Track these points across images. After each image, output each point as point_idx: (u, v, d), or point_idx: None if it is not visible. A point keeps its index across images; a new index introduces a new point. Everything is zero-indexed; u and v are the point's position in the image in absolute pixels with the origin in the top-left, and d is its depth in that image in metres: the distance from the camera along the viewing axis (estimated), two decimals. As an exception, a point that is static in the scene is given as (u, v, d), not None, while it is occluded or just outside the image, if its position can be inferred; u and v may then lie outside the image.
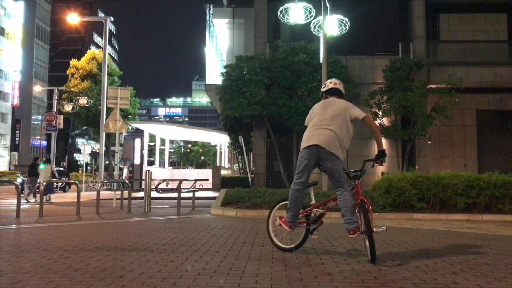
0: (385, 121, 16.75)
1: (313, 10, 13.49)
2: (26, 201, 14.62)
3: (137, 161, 22.96)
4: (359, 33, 17.57)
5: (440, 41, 19.35)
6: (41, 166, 15.63)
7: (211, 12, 22.04)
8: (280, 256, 4.45)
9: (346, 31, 14.51)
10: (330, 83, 4.78)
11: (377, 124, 16.81)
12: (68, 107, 29.27)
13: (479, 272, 3.73)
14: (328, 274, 3.63)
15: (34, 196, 15.31)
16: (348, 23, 14.34)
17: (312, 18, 13.68)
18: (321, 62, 13.64)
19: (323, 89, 4.82)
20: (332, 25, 14.01)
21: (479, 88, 18.05)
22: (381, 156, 4.57)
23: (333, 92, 4.74)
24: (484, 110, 19.53)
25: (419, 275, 3.61)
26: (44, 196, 15.18)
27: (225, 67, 18.42)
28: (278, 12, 13.96)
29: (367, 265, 3.97)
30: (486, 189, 8.68)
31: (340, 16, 14.27)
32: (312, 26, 14.26)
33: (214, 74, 21.17)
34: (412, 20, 18.07)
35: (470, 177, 8.87)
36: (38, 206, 9.45)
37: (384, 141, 17.26)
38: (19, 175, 33.08)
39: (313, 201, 4.76)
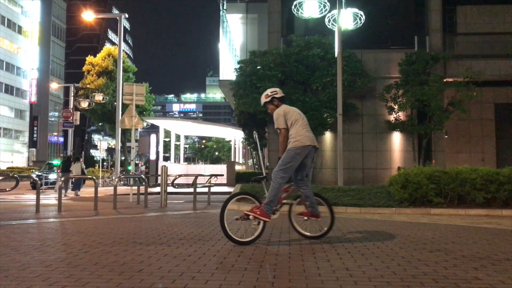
0: (401, 115, 16.58)
1: (328, 3, 13.40)
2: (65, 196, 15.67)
3: (152, 156, 23.16)
4: (374, 27, 17.38)
5: (457, 34, 19.02)
6: (55, 162, 16.07)
7: (224, 7, 22.03)
8: (297, 250, 4.44)
9: (361, 24, 14.37)
10: (280, 92, 5.27)
11: (393, 118, 16.71)
12: (84, 104, 29.56)
13: (501, 268, 3.67)
14: (346, 269, 3.61)
15: (65, 191, 16.36)
16: (363, 16, 14.20)
17: (326, 12, 13.59)
18: (336, 56, 13.54)
19: (275, 95, 5.22)
20: (347, 18, 13.90)
21: (497, 81, 17.73)
22: None
23: (283, 99, 5.26)
24: (503, 103, 19.19)
25: (439, 270, 3.57)
26: (66, 191, 16.01)
27: (238, 62, 18.41)
28: (292, 6, 13.89)
29: (386, 260, 3.94)
30: (506, 184, 8.54)
31: (355, 10, 14.14)
32: (326, 20, 14.16)
33: (228, 69, 21.18)
34: (428, 13, 17.81)
35: (489, 172, 8.73)
36: (66, 200, 9.59)
37: (399, 135, 17.14)
38: (33, 170, 33.68)
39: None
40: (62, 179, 12.48)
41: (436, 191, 8.73)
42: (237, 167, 25.90)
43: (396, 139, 17.27)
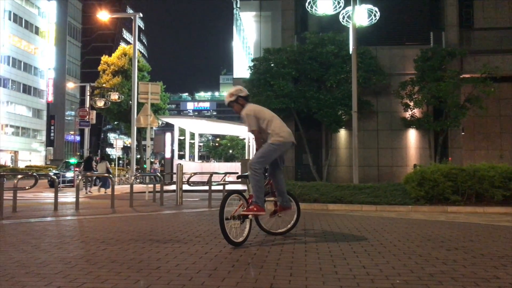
0: (417, 112, 16.41)
1: (342, 0, 13.31)
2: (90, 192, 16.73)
3: (168, 155, 23.33)
4: (389, 23, 17.21)
5: (474, 29, 18.71)
6: (72, 161, 16.53)
7: (238, 5, 22.04)
8: (313, 248, 4.43)
9: (375, 21, 14.25)
10: (245, 90, 5.19)
11: (408, 115, 16.55)
12: (100, 103, 29.92)
13: (521, 267, 3.61)
14: (363, 267, 3.60)
15: (90, 187, 17.37)
16: (378, 12, 14.09)
17: (341, 8, 13.52)
18: (350, 53, 13.45)
19: (241, 94, 5.11)
20: (361, 15, 13.80)
21: (516, 77, 17.40)
22: None
23: (248, 98, 5.19)
24: (522, 99, 18.84)
25: (458, 269, 3.53)
26: (103, 189, 17.04)
27: (252, 60, 18.42)
28: (306, 3, 13.85)
29: (403, 258, 3.91)
30: (525, 181, 8.40)
31: (370, 6, 14.04)
32: (341, 16, 14.08)
33: (242, 67, 21.19)
34: (444, 7, 17.56)
35: (508, 169, 8.59)
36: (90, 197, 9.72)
37: (415, 132, 16.96)
38: (51, 169, 34.25)
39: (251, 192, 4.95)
40: (80, 177, 12.66)
41: (453, 188, 8.62)
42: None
43: (412, 136, 17.10)
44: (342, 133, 17.20)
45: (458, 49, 16.59)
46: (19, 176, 9.64)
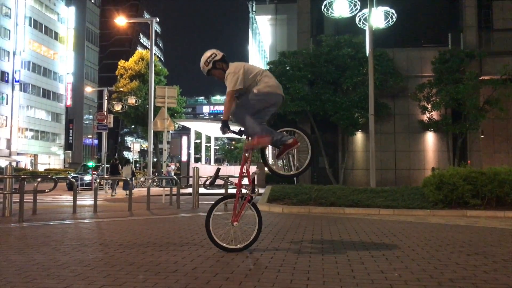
0: (435, 114, 16.22)
1: (358, 2, 13.27)
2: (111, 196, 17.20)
3: (184, 158, 23.49)
4: (406, 25, 17.07)
5: (493, 30, 18.42)
6: (90, 164, 17.03)
7: (253, 9, 22.13)
8: (330, 252, 4.41)
9: (392, 23, 14.16)
10: (218, 52, 4.58)
11: (426, 118, 16.35)
12: (117, 107, 30.32)
13: (544, 273, 3.53)
14: (381, 272, 3.56)
15: (113, 190, 17.80)
16: (395, 14, 14.00)
17: (357, 11, 13.47)
18: (367, 55, 13.37)
19: (216, 58, 4.51)
20: (378, 17, 13.72)
21: (537, 78, 17.04)
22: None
23: (226, 59, 4.59)
24: (543, 101, 18.43)
25: (478, 274, 3.46)
26: (125, 191, 17.49)
27: (268, 63, 18.46)
28: (322, 6, 13.84)
29: (422, 263, 3.86)
30: (548, 185, 8.21)
31: (387, 8, 13.97)
32: (357, 19, 14.03)
33: (258, 71, 21.25)
34: (462, 9, 17.34)
35: (530, 173, 8.40)
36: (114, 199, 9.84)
37: (433, 135, 16.75)
38: (69, 172, 34.82)
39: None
40: (98, 180, 12.84)
41: (473, 192, 8.47)
42: (267, 168, 25.85)
43: (430, 139, 16.89)
44: (359, 136, 17.08)
45: (477, 50, 16.37)
46: (39, 179, 9.82)
